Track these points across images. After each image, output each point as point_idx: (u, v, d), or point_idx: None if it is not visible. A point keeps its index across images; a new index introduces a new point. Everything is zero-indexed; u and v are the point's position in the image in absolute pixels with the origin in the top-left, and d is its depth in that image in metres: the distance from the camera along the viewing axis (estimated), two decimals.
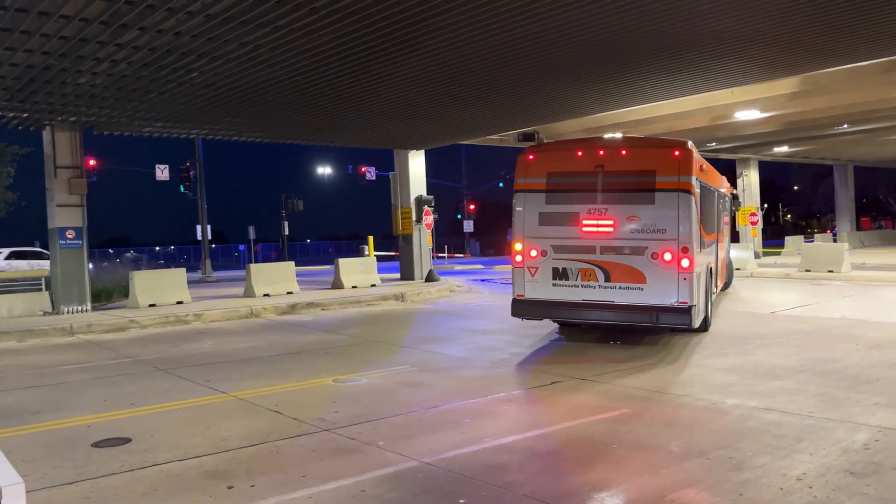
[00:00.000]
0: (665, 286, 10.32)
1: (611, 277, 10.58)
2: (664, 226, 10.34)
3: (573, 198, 10.91)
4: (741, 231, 34.48)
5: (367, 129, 19.53)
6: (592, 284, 10.69)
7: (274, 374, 9.72)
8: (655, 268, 10.36)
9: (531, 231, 11.11)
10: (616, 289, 10.57)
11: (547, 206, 11.05)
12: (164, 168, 30.21)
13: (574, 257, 10.82)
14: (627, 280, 10.50)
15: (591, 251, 10.71)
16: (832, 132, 28.61)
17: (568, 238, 10.87)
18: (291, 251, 48.18)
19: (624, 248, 10.56)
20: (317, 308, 17.47)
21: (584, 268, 10.73)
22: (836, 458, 5.63)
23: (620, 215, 10.58)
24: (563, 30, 10.83)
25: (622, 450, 5.99)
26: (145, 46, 10.85)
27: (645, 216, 10.46)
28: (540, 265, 11.00)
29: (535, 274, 11.04)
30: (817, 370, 8.92)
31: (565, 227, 10.90)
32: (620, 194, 10.62)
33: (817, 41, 12.26)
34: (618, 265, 10.56)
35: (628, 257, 10.51)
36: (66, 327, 14.38)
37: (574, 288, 10.79)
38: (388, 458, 5.96)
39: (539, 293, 11.02)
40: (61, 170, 16.85)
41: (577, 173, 10.91)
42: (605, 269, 10.64)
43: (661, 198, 10.40)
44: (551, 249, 10.93)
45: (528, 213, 11.14)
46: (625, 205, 10.57)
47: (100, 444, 6.55)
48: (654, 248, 10.37)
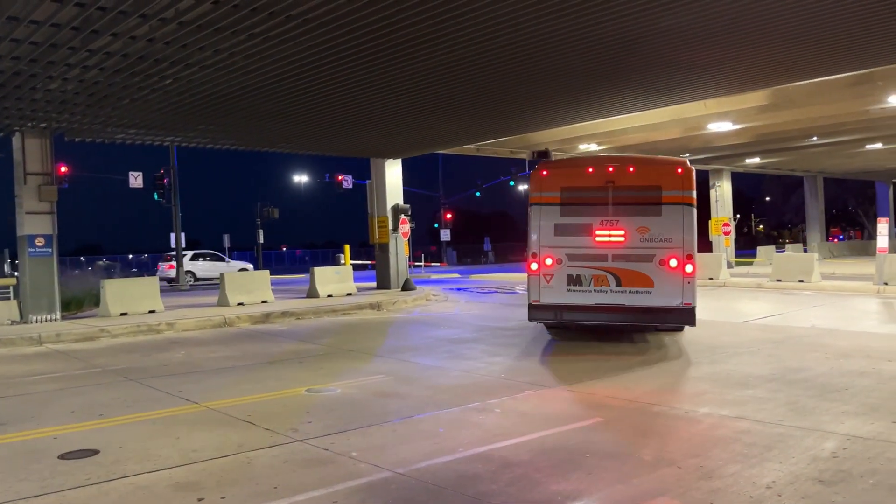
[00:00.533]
0: (671, 289, 11.47)
1: (621, 282, 11.63)
2: (670, 235, 11.51)
3: (586, 210, 11.88)
4: (714, 241, 34.90)
5: (344, 138, 19.50)
6: (604, 289, 11.69)
7: (247, 384, 9.62)
8: (662, 273, 11.48)
9: (547, 241, 11.99)
10: (626, 293, 11.62)
11: (562, 218, 11.98)
12: (138, 175, 29.89)
13: (587, 265, 11.80)
14: (637, 285, 11.57)
15: (604, 259, 11.74)
16: (802, 144, 29.12)
17: (582, 247, 11.83)
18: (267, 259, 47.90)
19: (634, 256, 11.62)
20: (291, 317, 17.35)
21: (596, 274, 11.73)
22: (805, 467, 5.70)
23: (630, 226, 11.63)
24: (538, 42, 10.92)
25: (595, 459, 6.01)
26: (118, 52, 10.74)
27: (653, 226, 11.56)
28: (555, 272, 11.91)
29: (551, 280, 11.94)
30: (787, 379, 9.03)
31: (579, 237, 11.85)
32: (630, 207, 11.66)
33: (786, 56, 12.49)
34: (628, 271, 11.59)
35: (638, 264, 11.58)
36: (35, 336, 14.12)
37: (587, 293, 11.75)
38: (362, 468, 5.92)
39: (554, 298, 11.89)
40: (31, 176, 16.59)
41: (590, 188, 11.92)
42: (616, 275, 11.66)
43: (667, 210, 11.56)
44: (566, 258, 11.88)
45: (544, 224, 12.03)
46: (634, 216, 11.63)
47: (67, 457, 6.42)
48: (662, 255, 11.51)
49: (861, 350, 10.96)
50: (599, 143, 27.85)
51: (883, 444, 6.24)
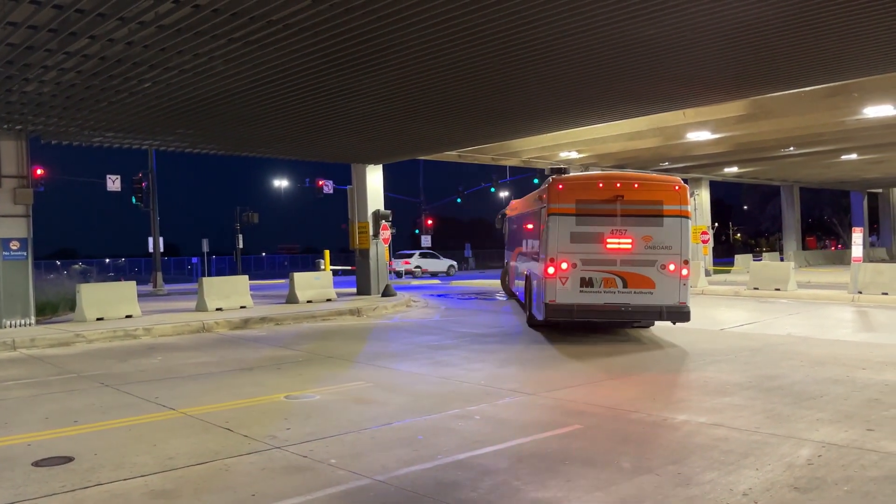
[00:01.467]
0: (670, 290, 13.10)
1: (628, 284, 13.14)
2: (670, 243, 13.15)
3: (598, 221, 13.26)
4: (692, 249, 35.20)
5: (324, 143, 19.45)
6: (613, 290, 13.15)
7: (225, 391, 9.53)
8: (663, 276, 13.11)
9: (563, 248, 13.28)
10: (632, 293, 13.15)
11: (577, 227, 13.31)
12: (116, 179, 29.60)
13: (599, 269, 13.21)
14: (641, 286, 13.12)
15: (613, 263, 13.19)
16: (779, 154, 29.52)
17: (594, 253, 13.22)
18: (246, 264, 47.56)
19: (639, 261, 13.16)
20: (270, 323, 17.24)
21: (606, 277, 13.17)
22: (780, 474, 5.76)
23: (637, 235, 13.16)
24: (519, 51, 10.98)
25: (574, 466, 6.03)
26: (96, 55, 10.64)
27: (656, 235, 13.17)
28: (570, 275, 13.22)
29: (566, 283, 13.23)
30: (764, 386, 9.13)
31: (592, 244, 13.22)
32: (636, 218, 13.19)
33: (762, 67, 12.67)
34: (634, 274, 13.14)
35: (642, 268, 13.14)
36: (8, 342, 13.89)
37: (598, 293, 13.17)
38: (340, 475, 5.89)
39: (568, 299, 13.19)
40: (6, 179, 16.35)
41: (601, 201, 13.29)
42: (623, 277, 13.15)
43: (667, 222, 13.22)
44: (580, 262, 13.22)
45: (561, 232, 13.31)
46: (640, 226, 13.18)
47: (40, 464, 6.32)
48: (663, 260, 13.14)
49: (836, 358, 11.11)
50: (580, 152, 28.04)
51: (857, 451, 6.32)
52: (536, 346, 13.15)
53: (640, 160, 31.33)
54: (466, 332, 15.30)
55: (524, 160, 30.32)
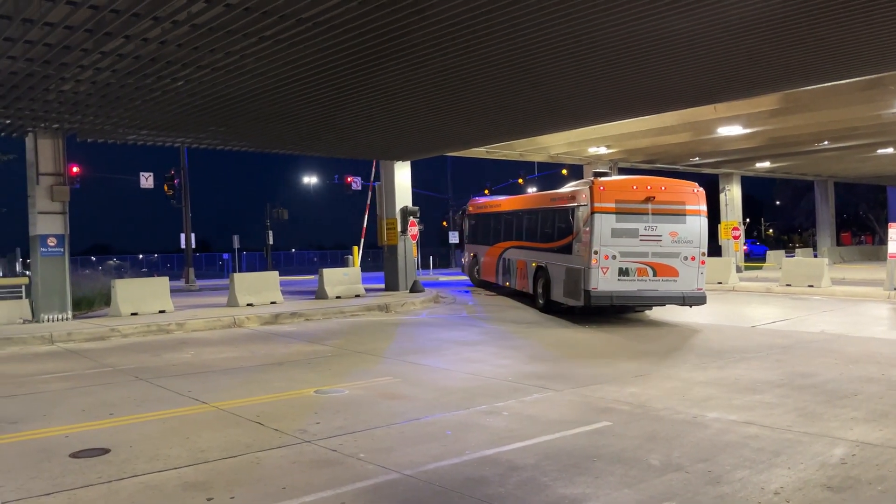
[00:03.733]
0: (690, 278, 15.30)
1: (657, 273, 15.22)
2: (691, 238, 15.31)
3: (634, 218, 15.16)
4: (723, 245, 34.78)
5: (353, 140, 19.56)
6: (645, 279, 15.20)
7: (255, 385, 9.67)
8: (685, 266, 15.26)
9: (605, 241, 15.05)
10: (660, 281, 15.25)
11: (616, 224, 15.10)
12: (149, 176, 30.02)
13: (634, 260, 15.15)
14: (667, 275, 15.25)
15: (646, 255, 15.17)
16: (813, 148, 29.00)
17: (630, 246, 15.13)
18: (276, 260, 48.04)
19: (667, 254, 15.23)
20: (300, 318, 17.41)
21: (640, 267, 15.16)
22: (813, 473, 5.69)
23: (665, 231, 15.22)
24: (549, 45, 10.93)
25: (602, 463, 6.02)
26: (130, 55, 10.83)
27: (680, 231, 15.26)
28: (610, 266, 15.07)
29: (606, 273, 15.06)
30: (796, 384, 9.01)
31: (629, 238, 15.11)
32: (665, 216, 15.25)
33: (796, 61, 12.46)
34: (662, 265, 15.22)
35: (669, 259, 15.24)
36: (46, 336, 14.23)
37: (633, 281, 15.18)
38: (369, 470, 5.95)
39: (609, 286, 15.10)
40: (44, 177, 16.73)
41: (636, 201, 15.23)
42: (653, 268, 15.21)
43: (689, 220, 15.36)
44: (619, 255, 15.08)
45: (604, 228, 15.05)
46: (668, 223, 15.25)
47: (77, 455, 6.48)
48: (686, 252, 15.30)
49: (870, 356, 10.92)
50: (609, 147, 27.83)
51: (892, 450, 6.21)
52: (563, 342, 13.12)
53: (670, 155, 31.00)
54: (494, 329, 15.31)
55: (552, 156, 30.18)
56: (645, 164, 33.15)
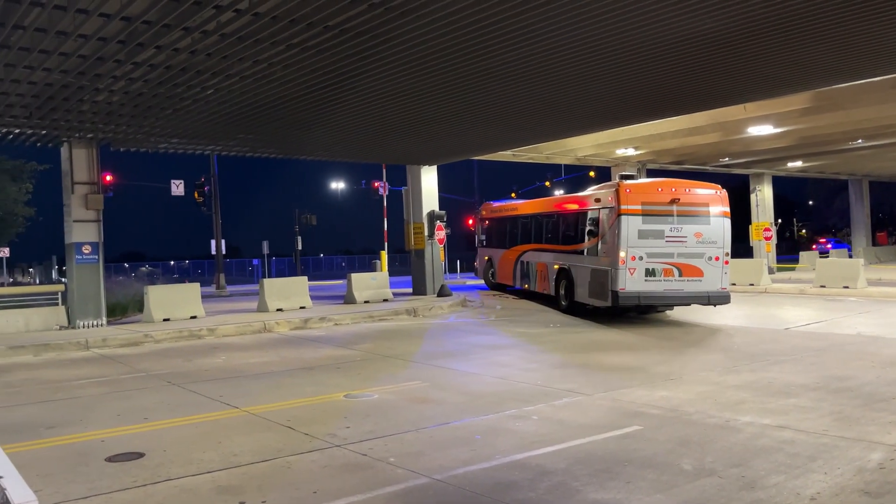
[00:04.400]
0: (715, 278, 15.60)
1: (682, 273, 15.52)
2: (715, 239, 15.61)
3: (660, 220, 15.45)
4: (755, 246, 34.28)
5: (380, 146, 19.66)
6: (671, 279, 15.51)
7: (286, 389, 9.75)
8: (710, 266, 15.57)
9: (632, 243, 15.35)
10: (685, 281, 15.55)
11: (643, 226, 15.41)
12: (180, 183, 30.49)
13: (660, 261, 15.45)
14: (692, 275, 15.54)
15: (671, 256, 15.48)
16: (846, 147, 28.47)
17: (657, 248, 15.43)
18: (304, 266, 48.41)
19: (692, 254, 15.53)
20: (329, 323, 17.52)
21: (666, 268, 15.47)
22: (850, 478, 5.58)
23: (690, 232, 15.51)
24: (577, 48, 10.90)
25: (633, 468, 5.97)
26: (161, 65, 11.02)
27: (705, 232, 15.57)
28: (637, 266, 15.35)
29: (634, 273, 15.33)
30: (832, 388, 8.85)
31: (655, 240, 15.43)
32: (689, 218, 15.55)
33: (828, 58, 12.26)
34: (687, 265, 15.53)
35: (694, 259, 15.54)
36: (82, 341, 14.50)
37: (659, 282, 15.47)
38: (399, 474, 5.96)
39: (636, 287, 15.39)
40: (78, 185, 17.07)
41: (661, 203, 15.52)
42: (679, 268, 15.51)
43: (713, 221, 15.67)
44: (646, 256, 15.39)
45: (631, 230, 15.35)
46: (692, 225, 15.54)
47: (113, 459, 6.59)
48: (710, 253, 15.60)
49: None
50: (637, 148, 27.61)
51: None
52: (592, 345, 13.03)
53: (699, 156, 30.66)
54: (523, 332, 15.26)
55: (579, 158, 30.02)
56: (674, 166, 32.81)
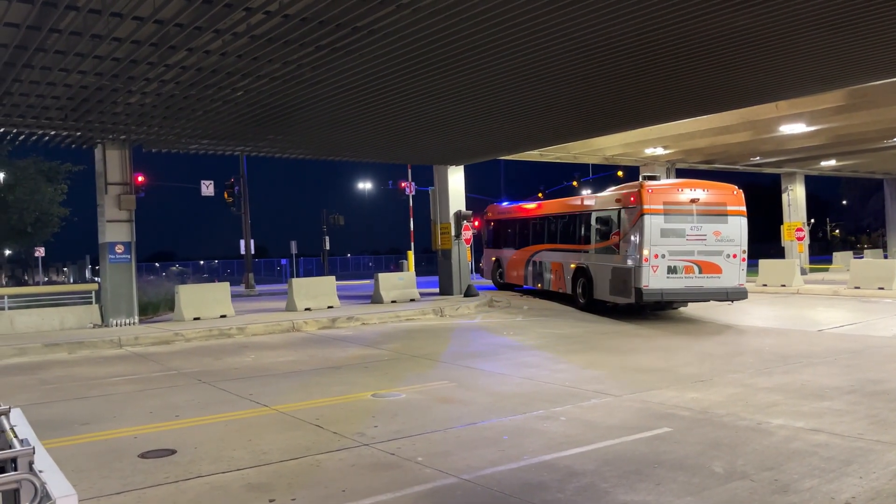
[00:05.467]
0: (733, 275, 16.18)
1: (702, 271, 16.06)
2: (733, 237, 16.21)
3: (680, 219, 16.01)
4: (787, 247, 33.74)
5: (407, 146, 19.71)
6: (691, 276, 16.03)
7: (314, 388, 9.82)
8: (728, 263, 16.14)
9: (655, 241, 15.87)
10: (705, 278, 16.09)
11: (665, 224, 15.95)
12: (210, 184, 30.86)
13: (681, 258, 15.97)
14: (712, 272, 16.09)
15: (692, 254, 16.03)
16: (881, 146, 27.88)
17: (678, 246, 15.98)
18: (332, 265, 48.73)
19: (711, 252, 16.10)
20: (357, 322, 17.61)
21: (687, 265, 15.99)
22: (887, 482, 5.47)
23: (709, 230, 16.10)
24: (606, 46, 10.82)
25: (663, 470, 5.91)
26: (193, 67, 11.17)
27: (723, 231, 16.16)
28: (659, 264, 15.87)
29: (656, 271, 15.85)
30: (867, 391, 8.68)
31: (677, 238, 15.97)
32: (708, 217, 16.14)
33: (864, 55, 12.02)
34: (707, 263, 16.06)
35: (713, 257, 16.10)
36: (115, 340, 14.75)
37: (680, 279, 15.99)
38: (427, 473, 5.97)
39: (659, 284, 15.90)
40: (111, 186, 17.36)
41: (682, 203, 16.12)
42: (699, 265, 16.04)
43: (731, 220, 16.25)
44: (668, 253, 15.92)
45: (654, 229, 15.86)
46: (711, 223, 16.13)
47: (146, 455, 6.70)
48: (728, 250, 16.18)
49: None
50: (666, 148, 27.34)
51: None
52: (619, 346, 12.93)
53: (730, 155, 30.26)
54: (550, 332, 15.19)
55: (607, 157, 29.80)
56: (703, 165, 32.41)
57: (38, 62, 10.81)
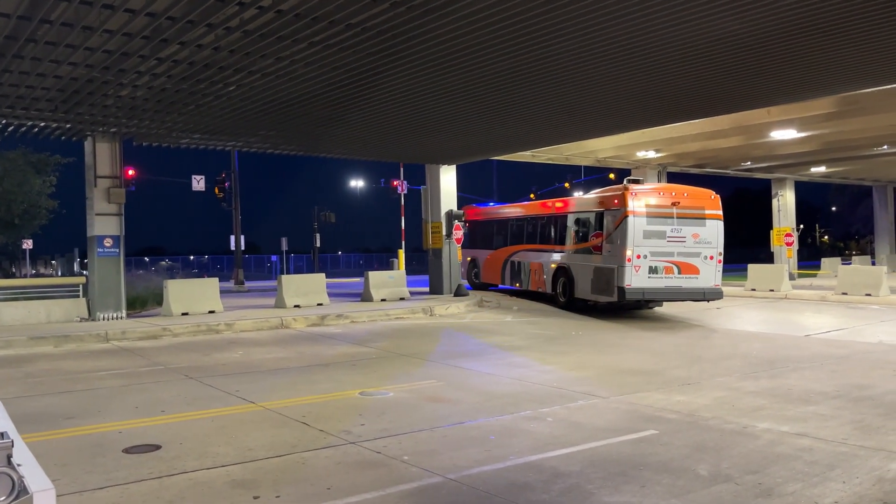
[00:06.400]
0: (709, 276, 17.05)
1: (681, 271, 16.88)
2: (710, 239, 17.10)
3: (662, 222, 16.81)
4: (776, 252, 33.91)
5: (399, 144, 19.68)
6: (671, 276, 16.82)
7: (302, 385, 9.79)
8: (705, 264, 17.02)
9: (638, 242, 16.60)
10: (684, 278, 16.91)
11: (647, 226, 16.70)
12: (200, 179, 30.70)
13: (662, 259, 16.75)
14: (690, 272, 16.93)
15: (672, 255, 16.83)
16: (871, 153, 28.06)
17: (659, 247, 16.73)
18: (322, 263, 48.61)
19: (690, 253, 16.94)
20: (346, 320, 17.58)
21: (667, 265, 16.78)
22: (869, 487, 5.50)
23: (688, 233, 16.94)
24: (599, 48, 10.83)
25: (648, 472, 5.92)
26: (185, 61, 11.10)
27: (701, 233, 17.04)
28: (641, 264, 16.60)
29: (638, 270, 16.56)
30: (852, 396, 8.73)
31: (658, 240, 16.74)
32: (688, 220, 16.97)
33: (855, 62, 12.09)
34: (685, 263, 16.91)
35: (691, 258, 16.95)
36: (102, 333, 14.66)
37: (660, 278, 16.75)
38: (413, 472, 5.97)
39: (639, 283, 16.62)
40: (101, 179, 17.25)
41: (663, 206, 16.95)
42: (678, 266, 16.85)
43: (708, 223, 17.15)
44: (650, 254, 16.65)
45: (637, 230, 16.56)
46: (690, 226, 16.97)
47: (130, 451, 6.66)
48: (705, 252, 17.06)
49: None
50: (658, 151, 27.41)
51: None
52: (608, 348, 12.96)
53: (721, 160, 30.38)
54: (539, 333, 15.22)
55: (599, 160, 29.86)
56: (695, 169, 32.53)
57: (28, 53, 10.73)
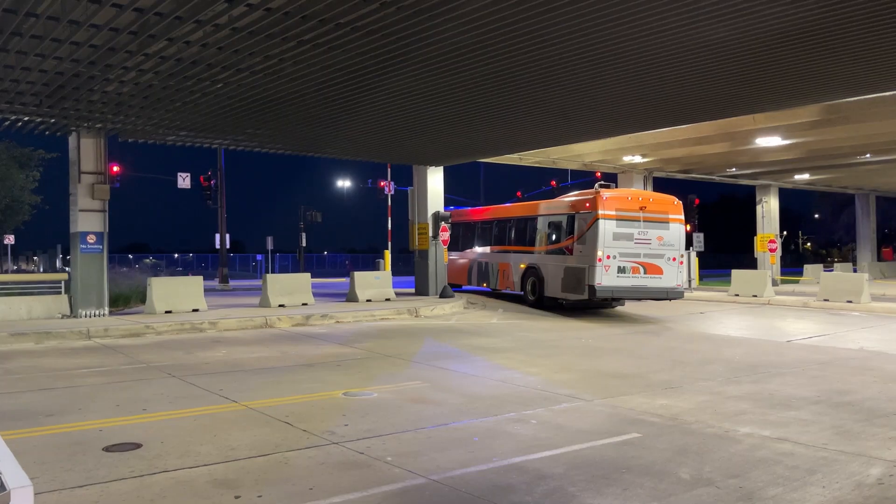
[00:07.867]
0: (672, 276, 18.43)
1: (647, 271, 18.13)
2: (673, 242, 18.49)
3: (630, 225, 17.99)
4: (759, 258, 34.19)
5: (387, 145, 19.68)
6: (637, 276, 18.03)
7: (285, 385, 9.75)
8: (668, 266, 18.37)
9: (608, 244, 17.79)
10: (649, 278, 18.15)
11: (617, 229, 17.90)
12: (186, 176, 30.54)
13: (629, 260, 17.97)
14: (655, 273, 18.20)
15: (638, 256, 18.04)
16: (854, 161, 28.39)
17: (627, 248, 17.97)
18: (308, 262, 48.45)
19: (655, 255, 18.18)
20: (331, 320, 17.53)
21: (634, 266, 18.00)
22: (849, 492, 5.55)
23: (654, 236, 18.18)
24: (586, 53, 10.89)
25: (631, 475, 5.94)
26: (172, 57, 11.04)
27: (665, 236, 18.34)
28: (611, 265, 17.76)
29: (608, 270, 17.73)
30: (833, 401, 8.81)
31: (626, 241, 17.94)
32: (653, 223, 18.22)
33: (840, 71, 12.23)
34: (650, 264, 18.16)
35: (656, 259, 18.21)
36: (84, 331, 14.53)
37: (628, 278, 17.96)
38: (396, 473, 5.95)
39: (609, 282, 17.82)
40: (85, 175, 17.11)
41: (632, 210, 18.17)
42: (644, 266, 18.10)
43: (672, 227, 18.55)
44: (619, 255, 17.84)
45: (607, 232, 17.75)
46: (655, 230, 18.22)
47: (111, 449, 6.59)
48: (669, 254, 18.39)
49: None
50: (644, 156, 27.58)
51: None
52: (593, 352, 13.00)
53: (706, 165, 30.61)
54: (524, 336, 15.24)
55: (586, 163, 30.01)
56: (680, 174, 32.74)
57: (13, 46, 10.63)
